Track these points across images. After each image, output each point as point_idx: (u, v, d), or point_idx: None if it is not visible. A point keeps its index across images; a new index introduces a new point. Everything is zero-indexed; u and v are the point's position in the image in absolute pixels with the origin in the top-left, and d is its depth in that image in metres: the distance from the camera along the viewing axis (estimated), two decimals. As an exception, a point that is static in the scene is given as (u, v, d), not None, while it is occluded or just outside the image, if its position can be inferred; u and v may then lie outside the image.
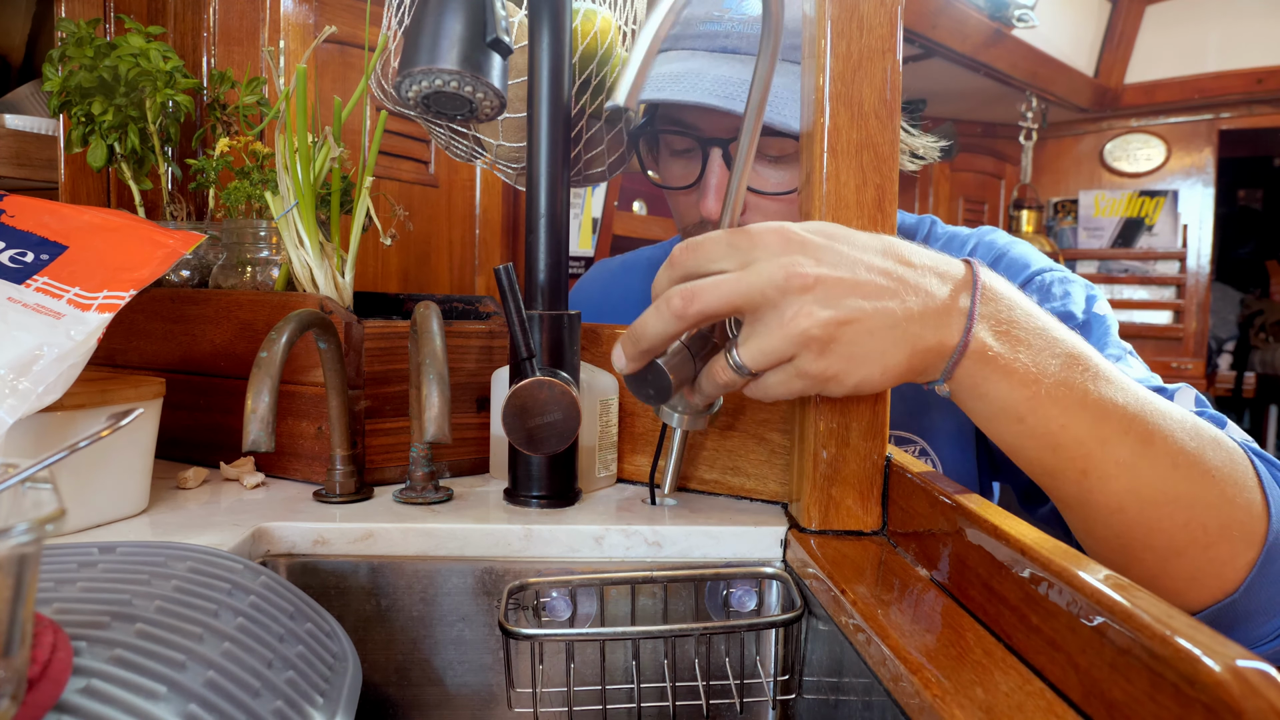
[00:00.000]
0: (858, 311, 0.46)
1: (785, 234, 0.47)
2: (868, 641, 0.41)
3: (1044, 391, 0.47)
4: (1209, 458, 0.50)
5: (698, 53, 0.76)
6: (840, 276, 0.46)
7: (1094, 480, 0.48)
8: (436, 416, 0.54)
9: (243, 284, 0.80)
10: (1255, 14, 2.90)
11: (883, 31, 0.53)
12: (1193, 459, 0.49)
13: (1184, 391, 0.67)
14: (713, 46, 0.75)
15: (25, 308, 0.52)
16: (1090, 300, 0.77)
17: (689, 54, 0.76)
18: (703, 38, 0.76)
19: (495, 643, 0.58)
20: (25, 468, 0.31)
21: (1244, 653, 0.26)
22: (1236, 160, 3.64)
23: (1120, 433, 0.48)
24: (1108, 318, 0.76)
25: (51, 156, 1.09)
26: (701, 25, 0.76)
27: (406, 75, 0.62)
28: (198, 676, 0.34)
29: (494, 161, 0.79)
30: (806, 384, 0.48)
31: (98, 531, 0.55)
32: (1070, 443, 0.48)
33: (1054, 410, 0.47)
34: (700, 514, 0.61)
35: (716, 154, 0.77)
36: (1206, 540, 0.49)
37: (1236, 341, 3.63)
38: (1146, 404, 0.49)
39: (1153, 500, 0.48)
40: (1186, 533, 0.49)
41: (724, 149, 0.76)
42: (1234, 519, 0.50)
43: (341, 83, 1.37)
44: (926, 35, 2.35)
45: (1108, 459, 0.48)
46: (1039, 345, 0.48)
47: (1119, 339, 0.75)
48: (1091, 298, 0.77)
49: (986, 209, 3.62)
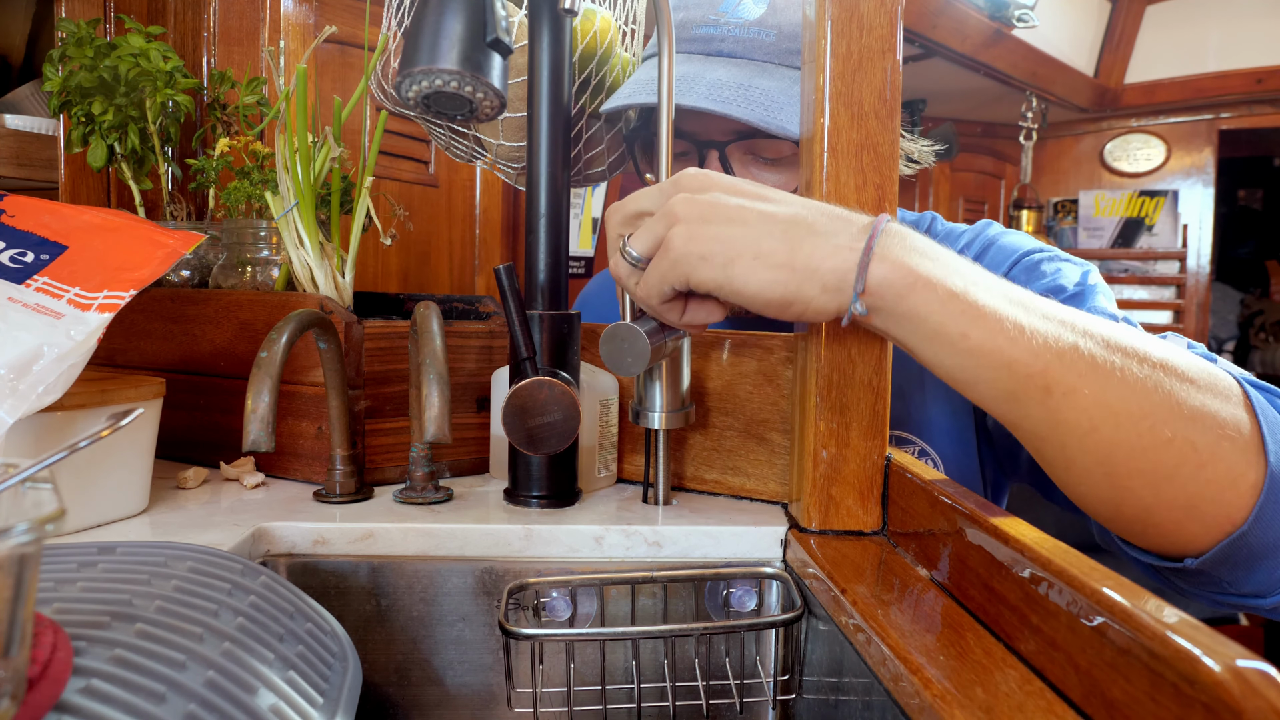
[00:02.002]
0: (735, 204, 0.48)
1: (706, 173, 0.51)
2: (868, 641, 0.41)
3: (980, 304, 0.44)
4: (1181, 365, 0.46)
5: (693, 56, 0.76)
6: (732, 182, 0.49)
7: (1059, 398, 0.44)
8: (436, 416, 0.54)
9: (243, 284, 0.80)
10: (1255, 14, 2.90)
11: (883, 31, 0.53)
12: (1166, 370, 0.45)
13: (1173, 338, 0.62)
14: (708, 50, 0.75)
15: (25, 308, 0.52)
16: (1084, 274, 0.75)
17: (684, 58, 0.76)
18: (698, 41, 0.76)
19: (495, 643, 0.58)
20: (25, 468, 0.31)
21: (1244, 652, 0.26)
22: (1236, 160, 3.64)
23: (1076, 343, 0.44)
24: (1098, 286, 0.73)
25: (51, 156, 1.09)
26: (696, 29, 0.76)
27: (406, 75, 0.62)
28: (198, 676, 0.34)
29: (494, 162, 0.79)
30: (674, 264, 0.48)
31: (98, 531, 0.55)
32: (1024, 356, 0.44)
33: (998, 324, 0.44)
34: (700, 514, 0.62)
35: (713, 156, 0.77)
36: (1198, 459, 0.45)
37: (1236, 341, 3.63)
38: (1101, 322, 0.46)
39: (1128, 414, 0.44)
40: (1173, 450, 0.45)
41: (720, 151, 0.76)
42: (1223, 433, 0.45)
43: (341, 83, 1.37)
44: (926, 35, 2.35)
45: (1069, 371, 0.44)
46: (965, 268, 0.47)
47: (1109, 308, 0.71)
48: (1086, 272, 0.75)
49: (986, 209, 3.61)
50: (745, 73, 0.73)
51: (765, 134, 0.73)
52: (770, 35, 0.75)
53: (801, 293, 0.46)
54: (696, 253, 0.47)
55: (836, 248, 0.46)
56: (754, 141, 0.76)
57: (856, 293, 0.46)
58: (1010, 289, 0.47)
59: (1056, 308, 0.47)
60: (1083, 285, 0.73)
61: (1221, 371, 0.48)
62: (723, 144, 0.76)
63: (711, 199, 0.48)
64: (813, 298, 0.46)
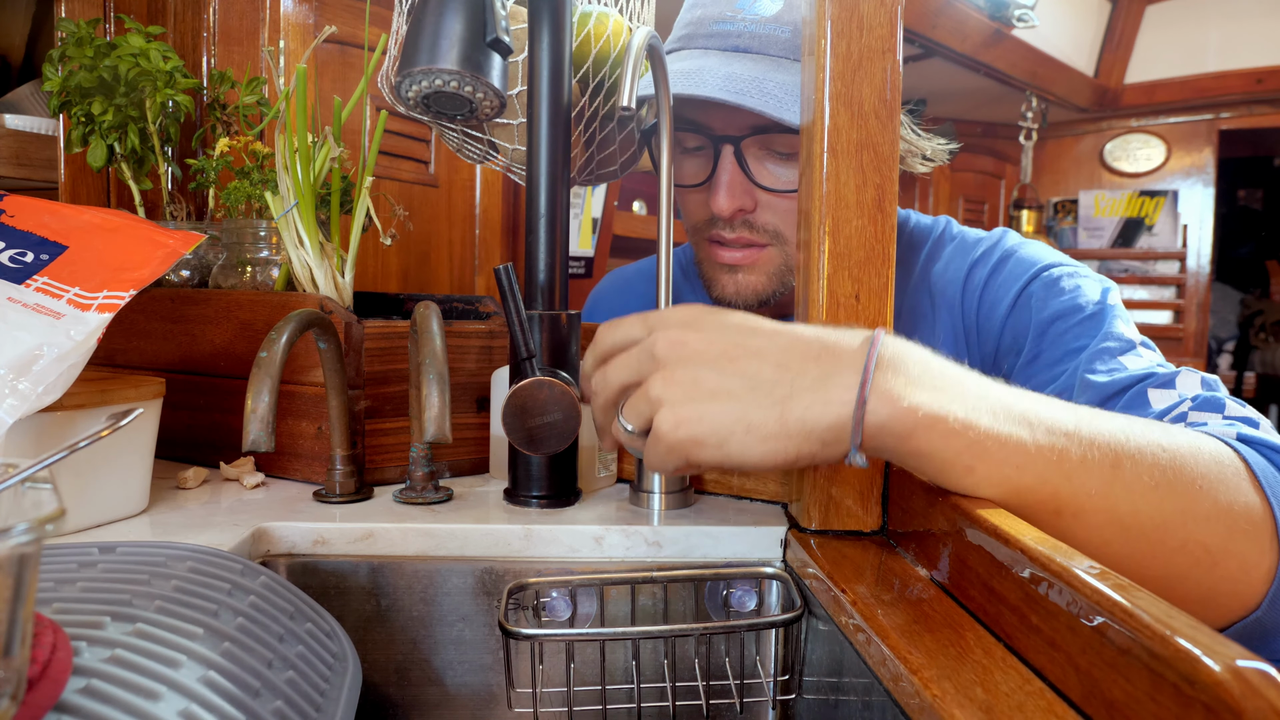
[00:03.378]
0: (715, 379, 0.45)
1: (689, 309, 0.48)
2: (868, 641, 0.41)
3: (984, 433, 0.43)
4: (1191, 467, 0.45)
5: (710, 51, 0.76)
6: (706, 347, 0.46)
7: (1069, 518, 0.44)
8: (436, 416, 0.54)
9: (243, 284, 0.80)
10: (1255, 14, 2.90)
11: (883, 31, 0.53)
12: (1172, 473, 0.44)
13: (1186, 375, 0.62)
14: (725, 45, 0.76)
15: (25, 308, 0.52)
16: (1105, 293, 0.74)
17: (701, 53, 0.77)
18: (715, 37, 0.76)
19: (495, 643, 0.58)
20: (25, 468, 0.31)
21: (1244, 653, 0.26)
22: (1236, 160, 3.64)
23: (1083, 463, 0.43)
24: (1116, 308, 0.72)
25: (51, 156, 1.09)
26: (714, 25, 0.76)
27: (406, 75, 0.62)
28: (198, 676, 0.34)
29: (509, 165, 0.79)
30: (670, 450, 0.46)
31: (98, 531, 0.55)
32: (1032, 483, 0.43)
33: (1002, 452, 0.43)
34: (700, 514, 0.61)
35: (728, 151, 0.77)
36: (1210, 560, 0.45)
37: (1236, 341, 3.63)
38: (1105, 425, 0.45)
39: (1139, 528, 0.44)
40: (1186, 554, 0.44)
41: (736, 146, 0.76)
42: (1235, 528, 0.45)
43: (341, 83, 1.37)
44: (926, 35, 2.35)
45: (1078, 493, 0.43)
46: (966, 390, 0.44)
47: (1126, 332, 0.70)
48: (1106, 291, 0.75)
49: (986, 209, 3.62)
50: (761, 67, 0.73)
51: (780, 128, 0.74)
52: (786, 31, 0.76)
53: (802, 452, 0.45)
54: (688, 438, 0.45)
55: (828, 403, 0.43)
56: (769, 136, 0.76)
57: (855, 446, 0.44)
58: (1014, 401, 0.45)
59: (1064, 414, 0.45)
60: (1101, 304, 0.72)
61: (1227, 454, 0.47)
62: (738, 139, 0.76)
63: (691, 376, 0.46)
64: (814, 454, 0.45)
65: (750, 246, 0.80)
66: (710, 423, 0.45)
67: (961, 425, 0.43)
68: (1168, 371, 0.63)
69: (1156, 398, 0.61)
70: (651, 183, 2.58)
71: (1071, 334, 0.72)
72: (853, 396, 0.43)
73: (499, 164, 0.80)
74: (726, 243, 0.81)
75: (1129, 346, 0.68)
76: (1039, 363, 0.74)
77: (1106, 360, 0.67)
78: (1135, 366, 0.66)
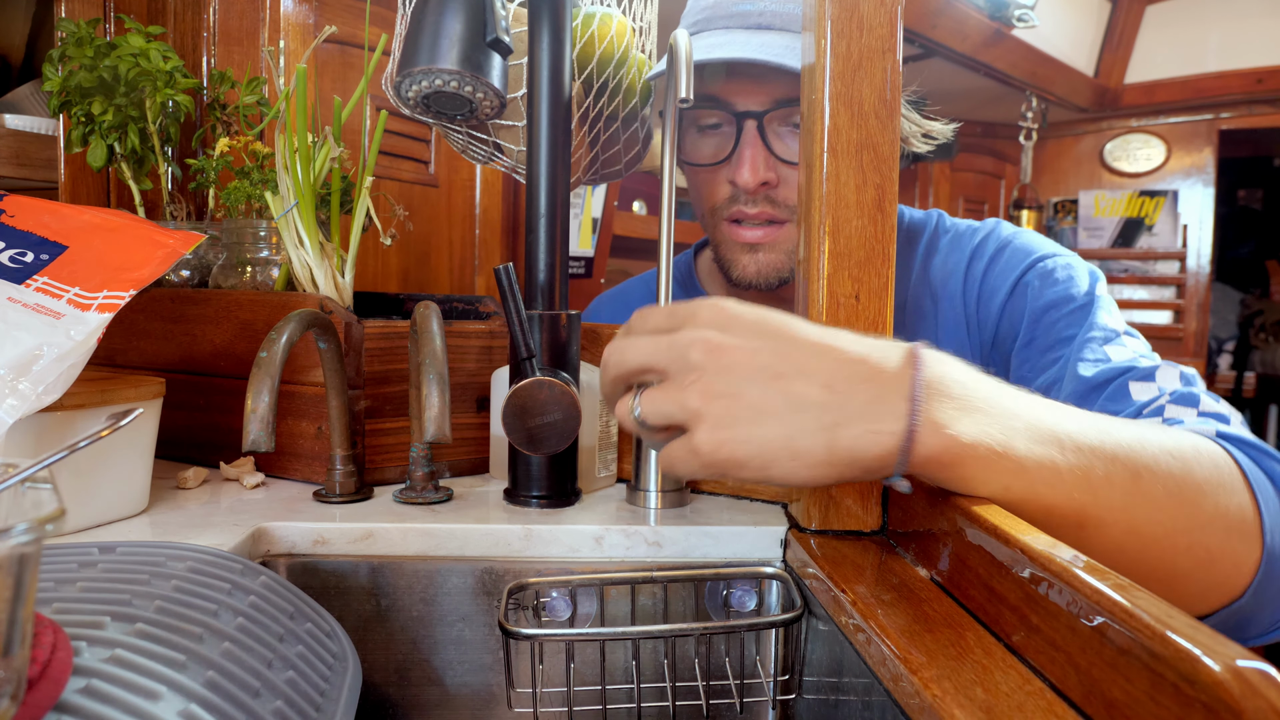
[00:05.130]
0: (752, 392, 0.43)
1: (720, 307, 0.46)
2: (868, 641, 0.41)
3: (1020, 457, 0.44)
4: (1195, 473, 0.48)
5: (732, 30, 0.77)
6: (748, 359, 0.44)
7: (1091, 530, 0.46)
8: (436, 416, 0.54)
9: (243, 284, 0.80)
10: (1255, 14, 2.90)
11: (883, 31, 0.53)
12: (1182, 480, 0.47)
13: (1165, 369, 0.66)
14: (747, 24, 0.77)
15: (25, 308, 0.52)
16: (1094, 283, 0.78)
17: (724, 31, 0.77)
18: (736, 17, 0.77)
19: (495, 643, 0.58)
20: (25, 468, 0.31)
21: (1244, 652, 0.26)
22: (1236, 160, 3.63)
23: (1108, 479, 0.45)
24: (1103, 298, 0.77)
25: (51, 156, 1.09)
26: (734, 6, 0.77)
27: (406, 75, 0.62)
28: (197, 676, 0.34)
29: (514, 166, 0.79)
30: (706, 467, 0.44)
31: (98, 531, 0.55)
32: (1061, 501, 0.45)
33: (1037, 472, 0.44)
34: (700, 514, 0.61)
35: (751, 126, 0.77)
36: (1210, 559, 0.48)
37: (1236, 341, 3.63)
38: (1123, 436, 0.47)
39: (1153, 536, 0.46)
40: (1190, 557, 0.47)
41: (759, 121, 0.77)
42: (1231, 529, 0.48)
43: (341, 83, 1.37)
44: (926, 35, 2.35)
45: (1101, 507, 0.45)
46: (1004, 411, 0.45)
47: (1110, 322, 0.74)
48: (1094, 281, 0.79)
49: (986, 209, 3.62)
50: (786, 39, 0.75)
51: None
52: None
53: (844, 477, 0.44)
54: (729, 459, 0.44)
55: (878, 434, 0.42)
56: (789, 111, 0.77)
57: (899, 474, 0.44)
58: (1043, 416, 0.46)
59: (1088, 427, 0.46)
60: (1091, 296, 0.77)
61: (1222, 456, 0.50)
62: (760, 113, 0.76)
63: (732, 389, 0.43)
64: (857, 478, 0.45)
65: (772, 223, 0.81)
66: (755, 446, 0.43)
67: (1001, 451, 0.43)
68: (1149, 364, 0.67)
69: (1137, 390, 0.65)
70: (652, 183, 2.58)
71: (1063, 323, 0.76)
72: (901, 427, 0.42)
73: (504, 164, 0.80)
74: (748, 219, 0.81)
75: (1113, 336, 0.73)
76: (1032, 348, 0.78)
77: (1094, 349, 0.72)
78: (1119, 357, 0.70)
